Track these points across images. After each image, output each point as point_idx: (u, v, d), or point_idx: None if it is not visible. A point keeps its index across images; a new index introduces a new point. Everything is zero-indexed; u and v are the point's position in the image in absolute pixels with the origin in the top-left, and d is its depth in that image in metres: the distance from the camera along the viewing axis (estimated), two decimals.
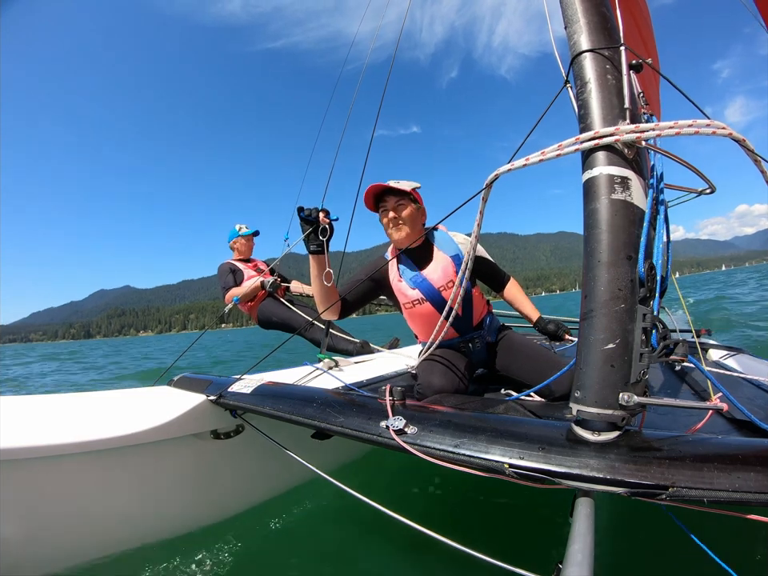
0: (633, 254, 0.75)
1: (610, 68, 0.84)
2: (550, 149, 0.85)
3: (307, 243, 1.42)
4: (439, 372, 1.45)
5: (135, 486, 1.16)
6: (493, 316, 1.73)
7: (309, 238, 1.40)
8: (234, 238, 3.19)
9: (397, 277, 1.60)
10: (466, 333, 1.62)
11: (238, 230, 3.17)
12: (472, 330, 1.63)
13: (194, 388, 1.33)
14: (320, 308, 1.55)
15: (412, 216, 1.55)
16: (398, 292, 1.60)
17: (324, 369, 1.80)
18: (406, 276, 1.58)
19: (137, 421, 1.12)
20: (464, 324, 1.60)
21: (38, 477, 1.00)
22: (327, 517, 1.42)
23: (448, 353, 1.58)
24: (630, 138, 0.77)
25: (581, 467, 0.66)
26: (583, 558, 0.55)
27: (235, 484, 1.39)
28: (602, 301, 0.74)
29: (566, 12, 0.93)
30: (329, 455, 1.61)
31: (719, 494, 0.58)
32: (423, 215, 1.63)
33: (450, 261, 1.56)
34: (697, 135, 0.76)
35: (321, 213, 1.39)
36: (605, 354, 0.72)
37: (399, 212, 1.53)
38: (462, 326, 1.60)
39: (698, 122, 0.76)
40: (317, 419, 1.00)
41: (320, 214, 1.38)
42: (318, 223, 1.38)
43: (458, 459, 0.76)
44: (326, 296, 1.51)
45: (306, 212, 1.38)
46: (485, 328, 1.65)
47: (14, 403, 1.14)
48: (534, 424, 0.84)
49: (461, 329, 1.61)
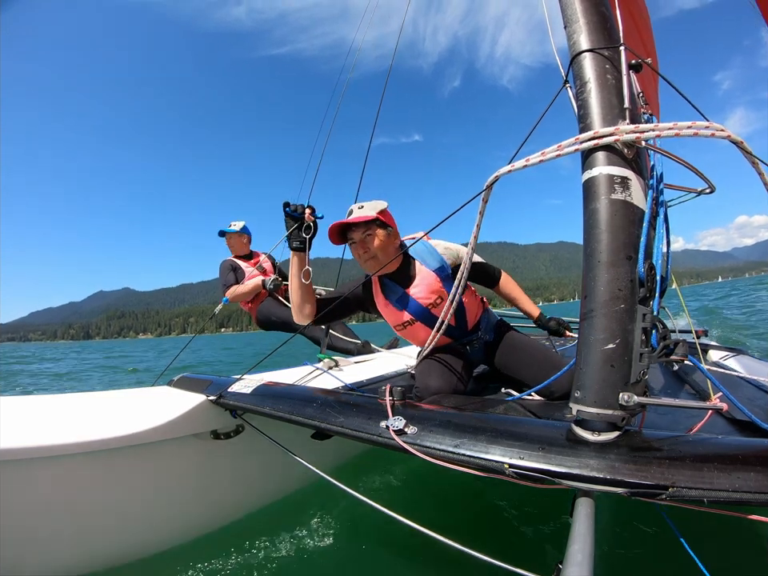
0: (633, 254, 0.75)
1: (609, 68, 0.84)
2: (550, 149, 0.85)
3: (290, 239, 1.40)
4: (436, 374, 1.44)
5: (135, 486, 1.16)
6: (489, 313, 1.70)
7: (292, 234, 1.38)
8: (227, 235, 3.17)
9: (383, 301, 1.55)
10: (461, 338, 1.60)
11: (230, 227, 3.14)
12: (468, 334, 1.60)
13: (193, 388, 1.33)
14: (294, 307, 1.49)
15: (383, 244, 1.45)
16: (387, 316, 1.57)
17: (324, 369, 1.80)
18: (392, 298, 1.52)
19: (137, 421, 1.12)
20: (458, 331, 1.57)
21: (38, 477, 1.00)
22: (327, 517, 1.42)
23: (445, 354, 1.56)
24: (630, 138, 0.77)
25: (581, 467, 0.66)
26: (583, 557, 0.55)
27: (235, 484, 1.39)
28: (602, 301, 0.74)
29: (565, 12, 0.92)
30: (329, 455, 1.61)
31: (719, 494, 0.58)
32: (396, 236, 1.53)
33: (435, 275, 1.50)
34: (696, 137, 0.76)
35: (307, 210, 1.36)
36: (605, 354, 0.72)
37: (369, 244, 1.43)
38: (457, 333, 1.58)
39: (697, 124, 0.76)
40: (317, 419, 1.00)
41: (306, 211, 1.36)
42: (303, 220, 1.36)
43: (458, 459, 0.76)
44: (303, 295, 1.46)
45: (292, 207, 1.35)
46: (481, 329, 1.62)
47: (15, 403, 1.14)
48: (534, 424, 0.84)
49: (455, 335, 1.58)
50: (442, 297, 1.49)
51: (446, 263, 1.52)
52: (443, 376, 1.44)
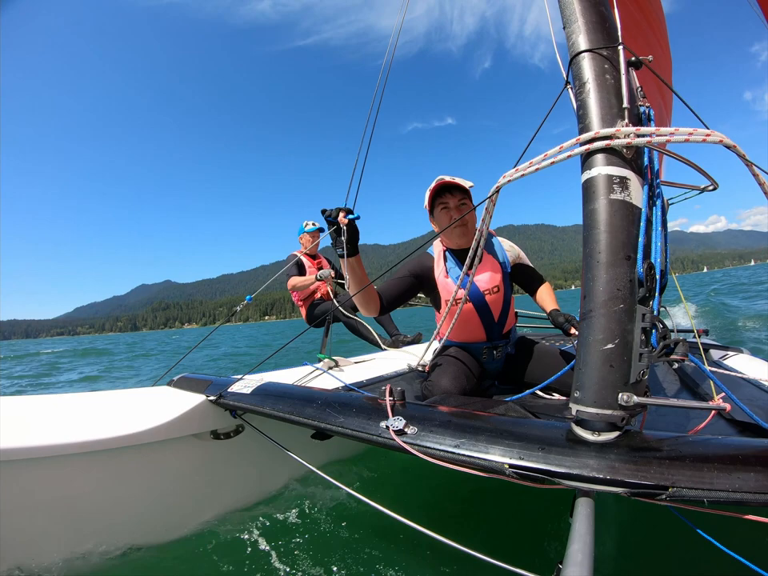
0: (632, 254, 0.75)
1: (608, 67, 0.84)
2: (552, 151, 0.85)
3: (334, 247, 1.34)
4: (451, 375, 1.46)
5: (135, 485, 1.16)
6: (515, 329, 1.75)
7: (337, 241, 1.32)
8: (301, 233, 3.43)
9: (443, 272, 1.56)
10: (494, 339, 1.62)
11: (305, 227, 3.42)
12: (500, 337, 1.63)
13: (193, 388, 1.33)
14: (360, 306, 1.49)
15: (473, 216, 1.52)
16: (443, 288, 1.57)
17: (324, 369, 1.80)
18: (453, 274, 1.55)
19: (137, 421, 1.12)
20: (496, 330, 1.60)
21: (38, 477, 1.00)
22: (327, 517, 1.42)
23: (465, 356, 1.57)
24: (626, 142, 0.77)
25: (581, 467, 0.66)
26: (583, 557, 0.55)
27: (235, 484, 1.39)
28: (601, 301, 0.74)
29: (564, 12, 0.92)
30: (329, 456, 1.61)
31: (719, 494, 0.58)
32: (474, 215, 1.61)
33: (499, 266, 1.55)
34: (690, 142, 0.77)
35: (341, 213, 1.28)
36: (604, 354, 0.72)
37: (462, 211, 1.48)
38: (494, 332, 1.60)
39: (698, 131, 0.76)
40: (317, 419, 1.00)
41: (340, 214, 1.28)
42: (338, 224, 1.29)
43: (458, 459, 0.76)
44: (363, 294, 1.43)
45: (327, 213, 1.29)
46: (510, 339, 1.66)
47: (15, 403, 1.14)
48: (534, 424, 0.84)
49: (492, 334, 1.60)
50: (499, 288, 1.54)
51: (507, 260, 1.58)
52: (457, 378, 1.45)
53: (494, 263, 1.56)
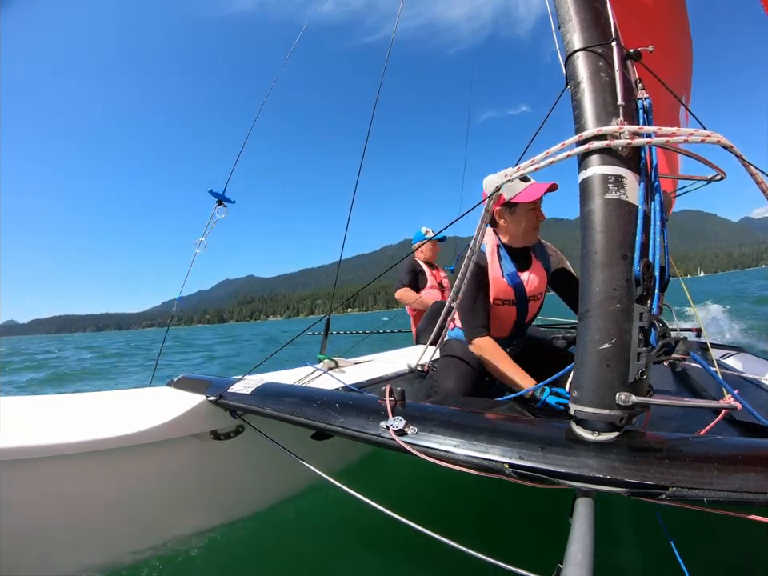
0: (628, 253, 0.74)
1: (603, 65, 0.83)
2: (553, 149, 0.85)
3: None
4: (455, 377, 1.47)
5: (134, 486, 1.16)
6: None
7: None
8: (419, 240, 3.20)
9: (498, 271, 1.52)
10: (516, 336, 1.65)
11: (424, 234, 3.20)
12: (520, 337, 1.66)
13: (193, 388, 1.33)
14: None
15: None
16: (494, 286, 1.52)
17: (324, 369, 1.80)
18: (506, 271, 1.52)
19: (137, 421, 1.12)
20: (521, 330, 1.63)
21: (38, 477, 1.00)
22: (327, 517, 1.42)
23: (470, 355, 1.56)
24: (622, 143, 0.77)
25: (580, 467, 0.66)
26: (583, 557, 0.55)
27: (235, 485, 1.39)
28: (597, 301, 0.74)
29: (559, 11, 0.91)
30: (329, 456, 1.61)
31: (719, 494, 0.58)
32: None
33: (545, 273, 1.56)
34: (689, 142, 0.77)
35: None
36: (600, 354, 0.72)
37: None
38: (518, 332, 1.63)
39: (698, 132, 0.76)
40: (317, 419, 1.00)
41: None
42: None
43: (458, 459, 0.76)
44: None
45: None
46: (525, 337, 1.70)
47: (15, 403, 1.14)
48: (534, 424, 0.84)
49: (515, 333, 1.62)
50: (542, 293, 1.56)
51: (550, 266, 1.58)
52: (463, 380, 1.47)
53: (540, 270, 1.56)
